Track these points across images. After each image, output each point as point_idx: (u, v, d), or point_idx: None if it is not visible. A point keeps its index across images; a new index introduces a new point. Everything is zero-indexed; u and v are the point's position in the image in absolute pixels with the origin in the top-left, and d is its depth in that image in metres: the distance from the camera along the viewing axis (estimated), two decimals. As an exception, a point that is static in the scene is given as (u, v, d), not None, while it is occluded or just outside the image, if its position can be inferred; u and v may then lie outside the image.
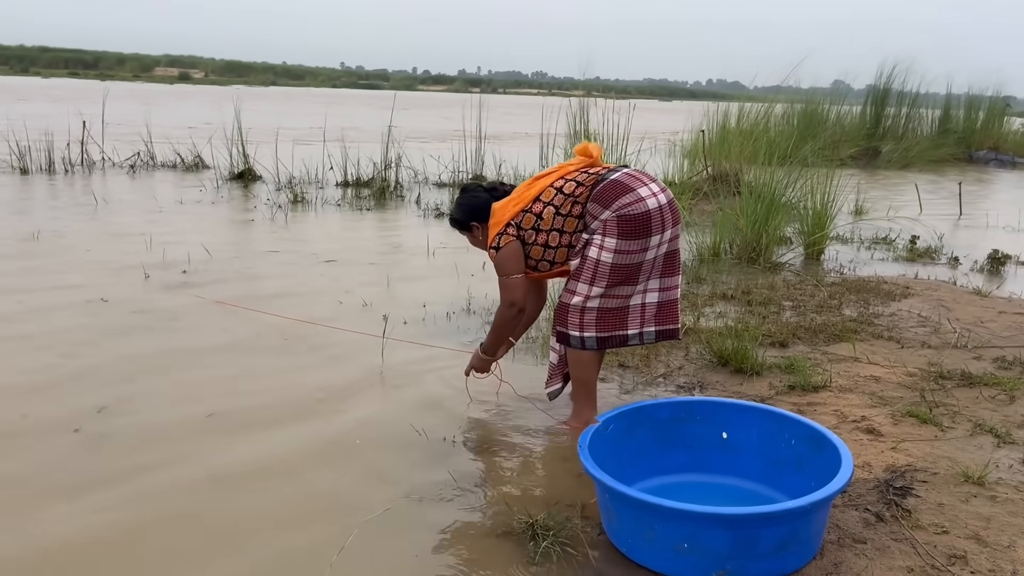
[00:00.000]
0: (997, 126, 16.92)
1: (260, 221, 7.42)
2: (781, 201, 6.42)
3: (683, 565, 2.13)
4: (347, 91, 52.45)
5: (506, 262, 3.01)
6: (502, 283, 3.06)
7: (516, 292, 3.04)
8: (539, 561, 2.24)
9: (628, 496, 2.14)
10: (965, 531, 2.35)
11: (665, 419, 2.69)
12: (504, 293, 3.07)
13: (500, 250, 3.00)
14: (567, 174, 3.01)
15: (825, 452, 2.39)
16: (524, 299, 3.08)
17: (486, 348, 3.27)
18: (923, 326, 4.45)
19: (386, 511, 2.49)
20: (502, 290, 3.07)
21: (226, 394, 3.38)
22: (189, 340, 4.01)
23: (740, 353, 3.71)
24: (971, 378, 3.57)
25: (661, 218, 2.86)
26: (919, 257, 6.54)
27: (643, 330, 3.02)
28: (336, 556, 2.23)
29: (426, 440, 3.01)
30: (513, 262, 3.02)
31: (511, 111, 16.18)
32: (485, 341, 3.27)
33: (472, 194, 3.16)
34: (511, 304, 3.06)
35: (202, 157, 10.82)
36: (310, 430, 3.08)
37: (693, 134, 10.30)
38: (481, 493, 2.63)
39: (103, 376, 3.51)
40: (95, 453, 2.83)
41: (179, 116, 18.34)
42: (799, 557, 2.18)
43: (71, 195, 8.36)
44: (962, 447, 2.91)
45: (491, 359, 3.31)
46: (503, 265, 3.02)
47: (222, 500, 2.56)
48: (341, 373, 3.66)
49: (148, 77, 68.52)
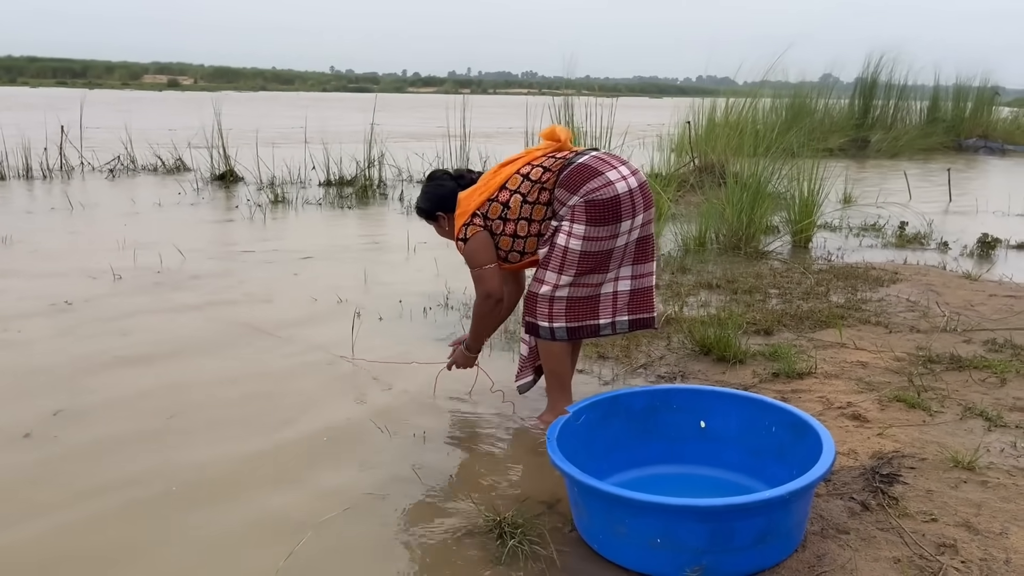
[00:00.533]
0: (986, 114, 16.85)
1: (239, 221, 7.28)
2: (767, 189, 6.31)
3: (657, 561, 2.01)
4: (336, 95, 52.25)
5: (476, 253, 2.88)
6: (475, 275, 2.92)
7: (491, 282, 2.90)
8: (506, 561, 2.11)
9: (597, 489, 2.02)
10: (955, 518, 2.23)
11: (641, 409, 2.57)
12: (478, 285, 2.93)
13: (468, 241, 2.87)
14: (534, 159, 2.88)
15: (807, 439, 2.27)
16: (500, 289, 2.94)
17: (469, 345, 3.12)
18: (912, 311, 4.34)
19: (346, 510, 2.37)
20: (476, 283, 2.93)
21: (189, 395, 3.24)
22: (154, 342, 3.87)
23: (722, 341, 3.59)
24: (961, 361, 3.45)
25: (631, 202, 2.73)
26: (908, 243, 6.43)
27: (616, 319, 2.88)
28: (283, 561, 2.10)
29: (392, 437, 2.88)
30: (483, 252, 2.88)
31: (498, 109, 16.06)
32: (467, 339, 3.13)
33: (438, 182, 3.03)
34: (487, 296, 2.92)
35: (183, 160, 10.67)
36: (272, 430, 2.95)
37: (679, 127, 10.19)
38: (447, 491, 2.51)
39: (60, 380, 3.38)
40: (46, 456, 2.70)
41: (161, 121, 18.17)
42: (779, 550, 2.05)
43: (47, 200, 8.21)
44: (952, 431, 2.80)
45: (475, 355, 3.18)
46: (473, 256, 2.89)
47: (176, 502, 2.43)
48: (308, 372, 3.53)
49: (137, 85, 68.29)
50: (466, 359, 3.18)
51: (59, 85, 64.91)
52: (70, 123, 10.72)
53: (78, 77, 72.08)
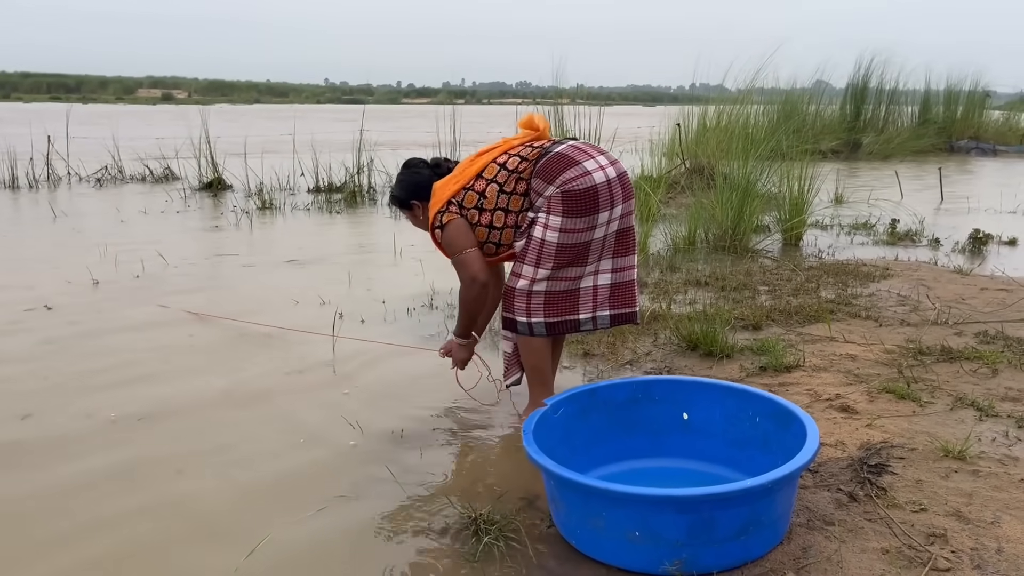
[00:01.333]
0: (977, 116, 16.84)
1: (225, 228, 7.21)
2: (757, 189, 6.26)
3: (635, 555, 1.93)
4: (330, 106, 52.22)
5: (454, 239, 2.78)
6: (456, 262, 2.82)
7: (474, 266, 2.78)
8: (480, 558, 2.04)
9: (573, 481, 1.95)
10: (945, 508, 2.16)
11: (621, 401, 2.49)
12: (461, 271, 2.81)
13: (444, 228, 2.79)
14: (511, 149, 2.81)
15: (792, 429, 2.20)
16: (484, 271, 2.81)
17: (458, 332, 3.01)
18: (902, 305, 4.28)
19: (320, 510, 2.29)
20: (458, 268, 2.82)
21: (162, 395, 3.16)
22: (130, 344, 3.79)
23: (709, 336, 3.53)
24: (951, 353, 3.39)
25: (609, 193, 2.65)
26: (899, 240, 6.38)
27: (596, 314, 2.80)
28: (244, 560, 2.02)
29: (371, 433, 2.81)
30: (462, 237, 2.78)
31: (490, 118, 16.01)
32: (456, 327, 3.03)
33: (413, 170, 2.95)
34: (472, 279, 2.79)
35: (171, 169, 10.59)
36: (243, 430, 2.87)
37: (670, 130, 10.15)
38: (423, 490, 2.43)
39: (30, 384, 3.29)
40: (16, 457, 2.62)
41: (150, 131, 18.10)
42: (763, 542, 1.98)
43: (32, 209, 8.13)
44: (942, 422, 2.73)
45: (468, 342, 3.04)
46: (452, 242, 2.79)
47: (142, 496, 2.35)
48: (284, 373, 3.46)
49: (131, 99, 68.17)
50: (459, 349, 3.06)
51: (53, 100, 64.78)
52: (57, 134, 10.64)
53: (72, 92, 72.00)
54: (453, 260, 2.83)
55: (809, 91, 14.58)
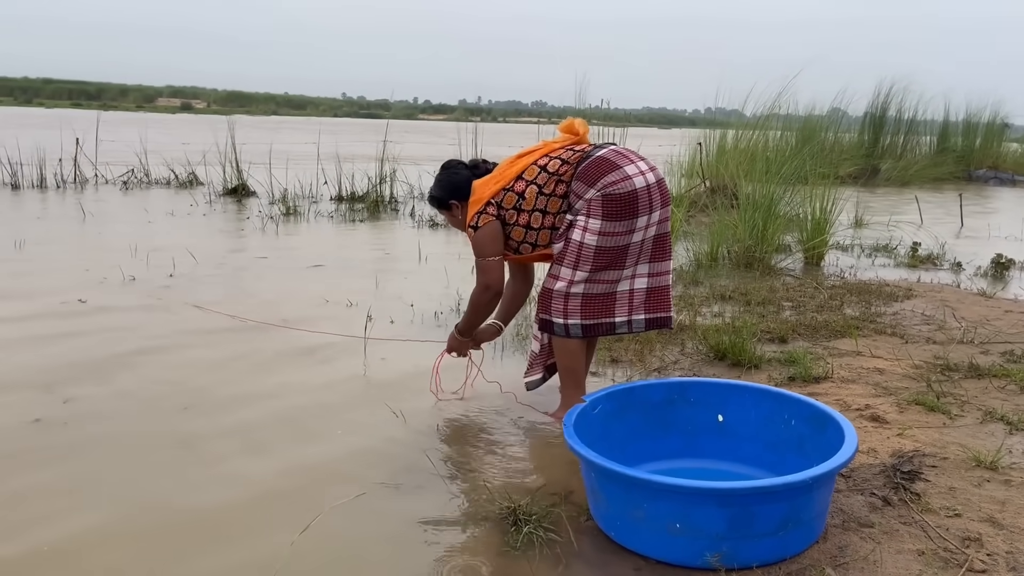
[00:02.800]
0: (996, 145, 16.87)
1: (251, 231, 7.30)
2: (779, 210, 6.31)
3: (675, 548, 1.97)
4: (348, 120, 52.69)
5: (484, 243, 2.87)
6: (479, 265, 2.90)
7: (492, 275, 2.89)
8: (521, 548, 2.07)
9: (615, 472, 1.99)
10: (979, 514, 2.19)
11: (657, 401, 2.53)
12: (480, 275, 2.91)
13: (479, 230, 2.86)
14: (552, 151, 2.87)
15: (827, 432, 2.24)
16: (500, 283, 2.93)
17: (461, 329, 3.11)
18: (927, 324, 4.30)
19: (359, 496, 2.33)
20: (478, 272, 2.91)
21: (200, 390, 3.22)
22: (166, 341, 3.86)
23: (737, 346, 3.56)
24: (979, 370, 3.41)
25: (649, 198, 2.71)
26: (921, 263, 6.40)
27: (632, 318, 2.85)
28: (298, 536, 2.07)
29: (406, 429, 2.86)
30: (491, 243, 2.86)
31: (508, 135, 16.14)
32: (460, 322, 3.11)
33: (452, 171, 3.02)
34: (486, 287, 2.91)
35: (196, 174, 10.72)
36: (284, 422, 2.92)
37: (690, 149, 10.22)
38: (461, 480, 2.47)
39: (73, 373, 3.36)
40: (55, 439, 2.68)
41: (175, 137, 18.32)
42: (800, 539, 2.01)
43: (60, 208, 8.25)
44: (972, 434, 2.75)
45: (466, 340, 3.14)
46: (481, 246, 2.87)
47: (188, 486, 2.40)
48: (321, 370, 3.52)
49: (151, 107, 68.82)
50: (457, 343, 3.15)
51: (74, 107, 65.51)
52: (85, 138, 10.80)
53: (92, 99, 72.74)
54: (476, 262, 2.91)
55: (827, 118, 14.65)
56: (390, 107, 77.42)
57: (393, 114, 69.72)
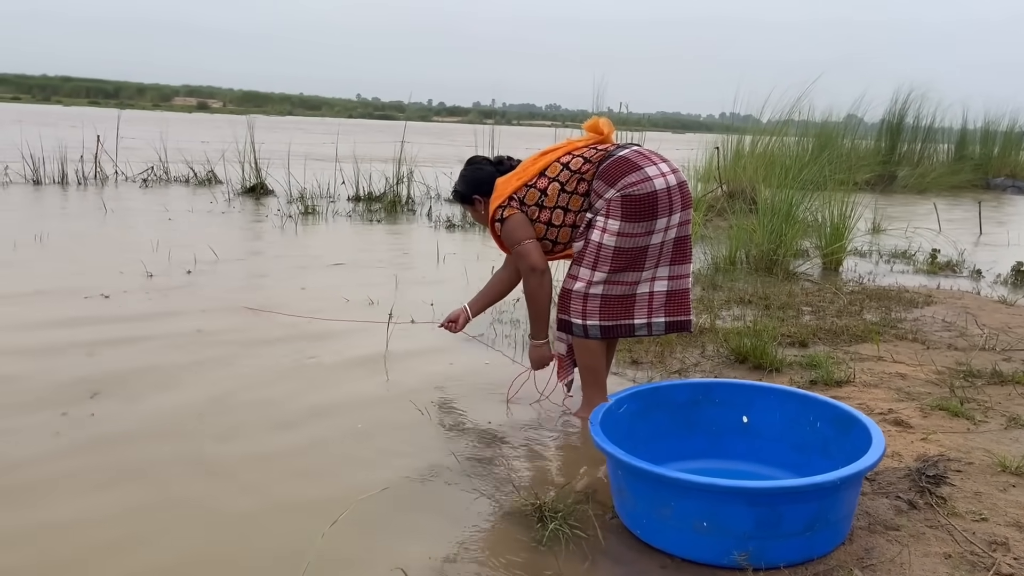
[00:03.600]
0: (1015, 154, 16.76)
1: (270, 229, 7.35)
2: (797, 215, 6.29)
3: (701, 546, 1.98)
4: (363, 121, 52.95)
5: (514, 230, 2.88)
6: (517, 252, 2.90)
7: (532, 256, 2.87)
8: (547, 543, 2.09)
9: (642, 470, 2.00)
10: (1005, 519, 2.18)
11: (682, 401, 2.54)
12: (521, 261, 2.90)
13: (505, 222, 2.88)
14: (575, 149, 2.89)
15: (853, 434, 2.24)
16: (544, 262, 2.91)
17: (534, 333, 3.06)
18: (948, 330, 4.29)
19: (384, 490, 2.36)
20: (518, 259, 2.92)
21: (226, 381, 3.25)
22: (189, 333, 3.90)
23: (758, 349, 3.57)
24: (1002, 376, 3.40)
25: (669, 200, 2.71)
26: (940, 270, 6.37)
27: (651, 320, 2.85)
28: (328, 528, 2.09)
29: (431, 424, 2.88)
30: (521, 229, 2.87)
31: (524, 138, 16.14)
32: (530, 328, 3.06)
33: (477, 166, 3.05)
34: (532, 269, 2.89)
35: (215, 172, 10.80)
36: (310, 415, 2.95)
37: (708, 153, 10.22)
38: (487, 476, 2.49)
39: (97, 366, 3.40)
40: (81, 433, 2.71)
41: (194, 135, 18.46)
42: (827, 540, 2.02)
43: (81, 204, 8.33)
44: (997, 439, 2.75)
45: (544, 342, 3.08)
46: (512, 233, 2.88)
47: (218, 478, 2.43)
48: (344, 363, 3.55)
49: (167, 106, 69.25)
50: (538, 351, 3.09)
51: (92, 105, 65.97)
52: (105, 135, 10.90)
53: (110, 97, 73.23)
54: (514, 252, 2.91)
55: (843, 124, 14.59)
56: (404, 109, 77.54)
57: (407, 115, 69.86)
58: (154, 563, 1.99)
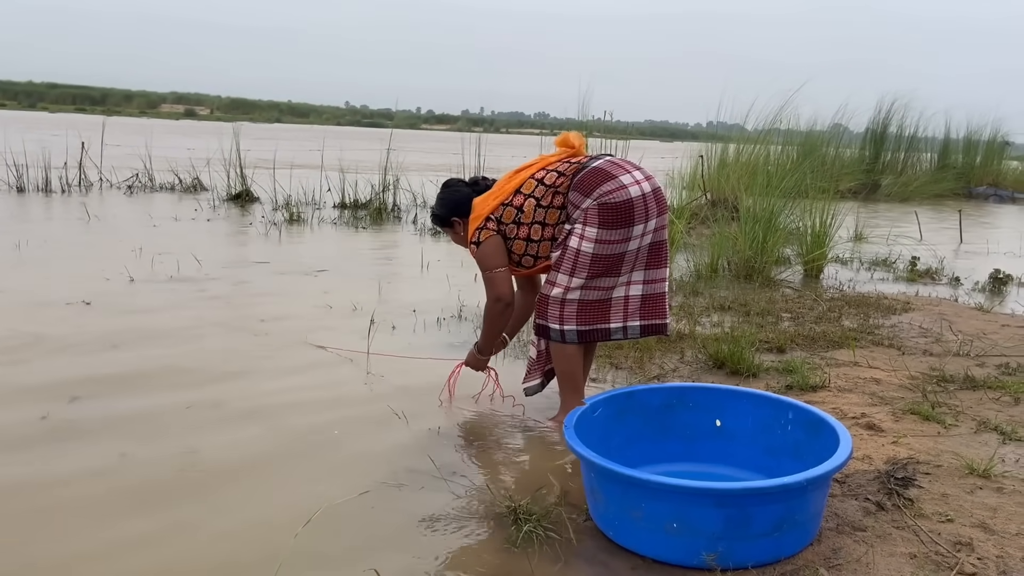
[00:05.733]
0: (996, 163, 16.97)
1: (254, 236, 7.35)
2: (779, 223, 6.36)
3: (672, 547, 2.01)
4: (351, 128, 52.98)
5: (488, 256, 2.92)
6: (486, 278, 2.96)
7: (502, 286, 2.94)
8: (521, 545, 2.11)
9: (614, 472, 2.03)
10: (971, 520, 2.23)
11: (657, 406, 2.58)
12: (489, 288, 2.97)
13: (480, 245, 2.92)
14: (548, 165, 2.93)
15: (823, 437, 2.28)
16: (511, 293, 2.98)
17: (481, 348, 3.16)
18: (924, 336, 4.34)
19: (362, 494, 2.37)
20: (487, 285, 2.97)
21: (203, 386, 3.26)
22: (168, 339, 3.90)
23: (736, 355, 3.61)
24: (974, 382, 3.45)
25: (645, 207, 2.75)
26: (920, 277, 6.44)
27: (627, 324, 2.89)
28: (301, 529, 2.11)
29: (408, 431, 2.90)
30: (495, 256, 2.92)
31: (513, 146, 16.12)
32: (479, 341, 3.16)
33: (453, 189, 3.08)
34: (497, 299, 2.96)
35: (200, 179, 10.79)
36: (286, 418, 2.96)
37: (692, 161, 10.30)
38: (463, 480, 2.51)
39: (74, 374, 3.40)
40: (60, 437, 2.72)
41: (180, 142, 18.42)
42: (796, 541, 2.05)
43: (65, 211, 8.31)
44: (966, 443, 2.79)
45: (486, 359, 3.21)
46: (485, 260, 2.93)
47: (192, 478, 2.44)
48: (324, 367, 3.56)
49: (154, 113, 69.02)
50: (477, 361, 3.21)
51: (78, 111, 65.62)
52: (90, 142, 10.88)
53: (97, 104, 72.87)
54: (484, 276, 2.96)
55: (828, 133, 14.73)
56: (393, 116, 77.53)
57: (396, 123, 69.82)
58: (130, 563, 2.00)
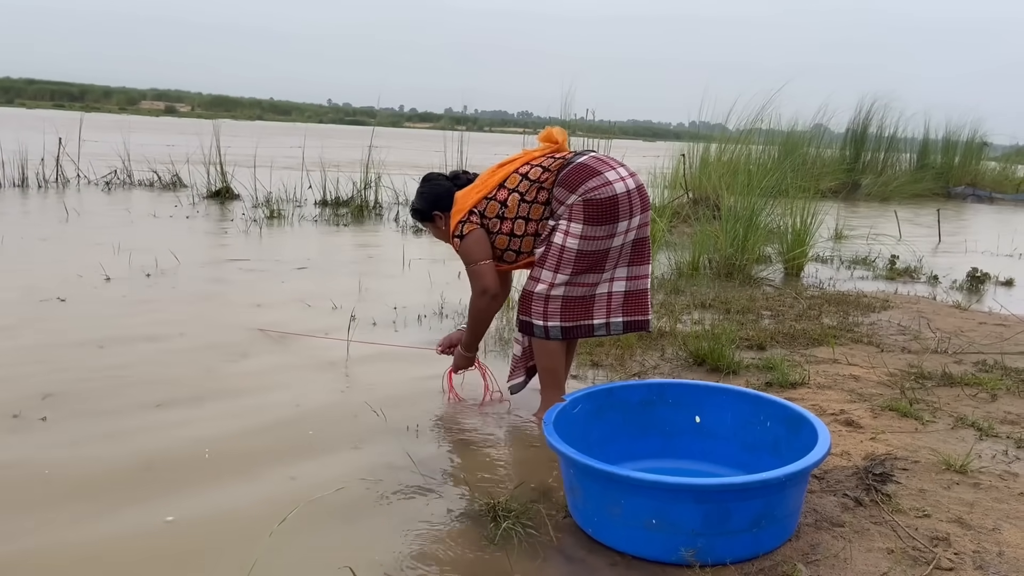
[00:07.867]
0: (975, 163, 17.13)
1: (234, 233, 7.29)
2: (760, 222, 6.39)
3: (651, 543, 2.00)
4: (333, 126, 52.72)
5: (472, 249, 2.90)
6: (471, 271, 2.94)
7: (486, 278, 2.92)
8: (499, 542, 2.10)
9: (593, 468, 2.02)
10: (948, 515, 2.24)
11: (636, 402, 2.57)
12: (474, 281, 2.94)
13: (464, 238, 2.89)
14: (532, 160, 2.92)
15: (802, 434, 2.28)
16: (496, 285, 2.95)
17: (466, 344, 3.13)
18: (903, 334, 4.37)
19: (338, 490, 2.35)
20: (472, 279, 2.95)
21: (177, 383, 3.23)
22: (143, 336, 3.85)
23: (716, 352, 3.61)
24: (952, 378, 3.48)
25: (629, 203, 2.75)
26: (899, 276, 6.49)
27: (610, 320, 2.89)
28: (277, 526, 2.08)
29: (386, 426, 2.88)
30: (479, 248, 2.90)
31: (496, 144, 16.13)
32: (464, 338, 3.13)
33: (433, 183, 3.05)
34: (483, 291, 2.93)
35: (180, 176, 10.69)
36: (261, 418, 2.93)
37: (674, 160, 10.31)
38: (442, 478, 2.49)
39: (48, 371, 3.35)
40: (32, 436, 2.68)
41: (159, 139, 18.26)
42: (774, 536, 2.05)
43: (41, 207, 8.21)
44: (944, 439, 2.81)
45: (473, 355, 3.18)
46: (469, 252, 2.91)
47: (166, 475, 2.41)
48: (302, 366, 3.53)
49: (134, 110, 68.36)
50: (464, 359, 3.18)
51: (56, 108, 64.80)
52: (68, 138, 10.75)
53: (75, 100, 72.03)
54: (468, 269, 2.94)
55: (808, 133, 14.82)
56: (375, 114, 77.26)
57: (379, 121, 69.48)
58: (104, 560, 1.97)
